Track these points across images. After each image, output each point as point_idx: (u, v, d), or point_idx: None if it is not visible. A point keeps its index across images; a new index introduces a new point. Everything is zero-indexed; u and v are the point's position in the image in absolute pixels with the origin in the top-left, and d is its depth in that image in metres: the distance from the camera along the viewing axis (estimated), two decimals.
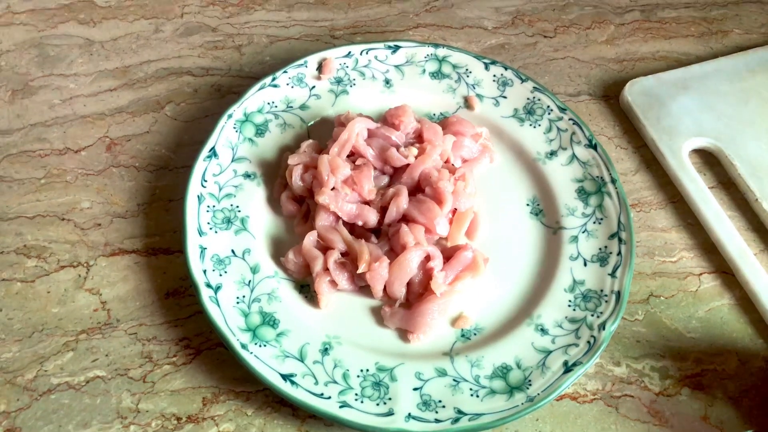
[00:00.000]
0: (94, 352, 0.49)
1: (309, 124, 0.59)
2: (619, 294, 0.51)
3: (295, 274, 0.52)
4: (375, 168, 0.55)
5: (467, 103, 0.62)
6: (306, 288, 0.52)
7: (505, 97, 0.61)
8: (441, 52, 0.63)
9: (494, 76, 0.62)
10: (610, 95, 0.66)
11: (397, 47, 0.63)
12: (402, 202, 0.52)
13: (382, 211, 0.53)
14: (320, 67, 0.61)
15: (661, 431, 0.48)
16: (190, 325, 0.50)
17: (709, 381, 0.50)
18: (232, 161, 0.55)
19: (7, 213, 0.55)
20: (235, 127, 0.57)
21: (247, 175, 0.55)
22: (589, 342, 0.49)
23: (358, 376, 0.47)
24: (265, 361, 0.46)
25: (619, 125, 0.64)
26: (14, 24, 0.66)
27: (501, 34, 0.71)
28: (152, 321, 0.50)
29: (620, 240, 0.53)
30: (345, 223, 0.53)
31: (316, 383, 0.46)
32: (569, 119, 0.59)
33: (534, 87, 0.61)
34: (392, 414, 0.45)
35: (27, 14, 0.67)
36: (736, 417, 0.49)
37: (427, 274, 0.51)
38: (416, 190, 0.54)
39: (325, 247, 0.51)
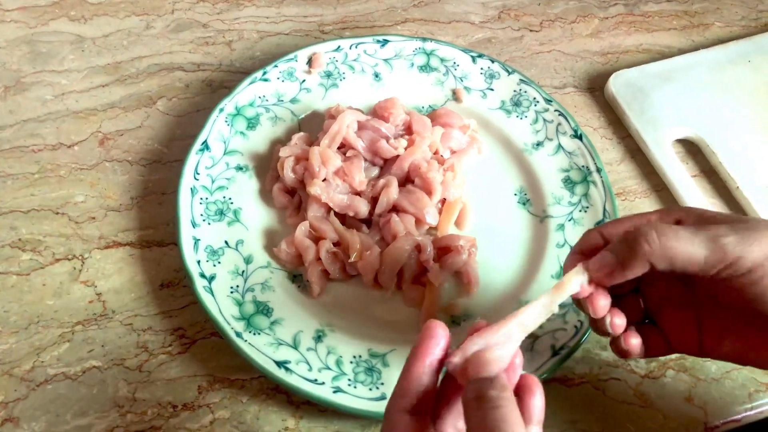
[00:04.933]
0: (90, 343, 0.49)
1: (300, 117, 0.60)
2: None
3: (287, 264, 0.53)
4: (365, 159, 0.55)
5: (455, 96, 0.63)
6: (299, 278, 0.52)
7: (492, 90, 0.63)
8: (429, 45, 0.64)
9: (481, 69, 0.63)
10: (595, 87, 0.68)
11: (386, 41, 0.64)
12: (392, 193, 0.53)
13: (373, 201, 0.54)
14: (310, 62, 0.62)
15: (646, 413, 0.50)
16: (184, 316, 0.51)
17: (693, 363, 0.52)
18: (224, 154, 0.56)
19: (2, 208, 0.55)
20: (226, 121, 0.58)
21: (239, 168, 0.56)
22: (576, 327, 0.50)
23: (351, 362, 0.48)
24: (259, 348, 0.47)
25: (604, 116, 0.66)
26: (5, 21, 0.67)
27: (488, 29, 0.72)
28: (147, 312, 0.51)
29: None
30: (336, 214, 0.53)
31: (310, 369, 0.47)
32: (555, 111, 0.61)
33: (520, 79, 0.62)
34: (385, 398, 0.46)
35: (18, 11, 0.67)
36: (718, 398, 0.50)
37: (419, 265, 0.52)
38: (406, 180, 0.55)
39: (317, 238, 0.52)
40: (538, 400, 0.34)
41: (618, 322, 0.42)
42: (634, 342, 0.43)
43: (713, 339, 0.42)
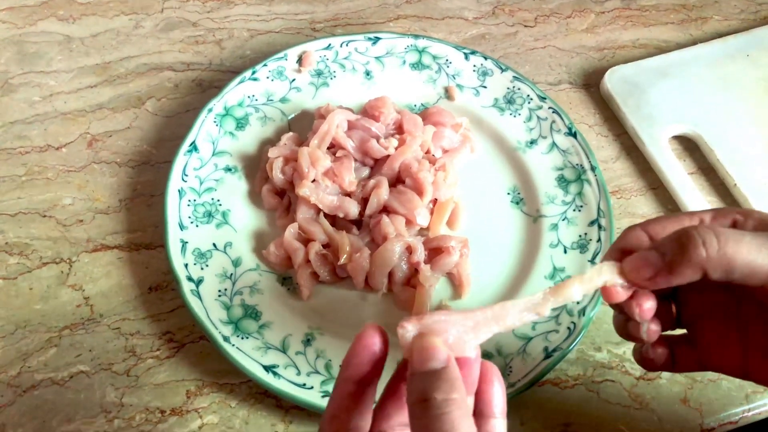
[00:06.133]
0: (77, 348, 0.49)
1: (289, 117, 0.60)
2: None
3: (276, 266, 0.52)
4: (355, 159, 0.55)
5: (447, 94, 0.62)
6: (288, 280, 0.52)
7: (485, 87, 0.62)
8: (421, 43, 0.63)
9: (474, 66, 0.62)
10: (591, 83, 0.67)
11: (377, 39, 0.63)
12: (382, 193, 0.52)
13: (363, 202, 0.53)
14: (300, 60, 0.61)
15: (641, 414, 0.49)
16: (173, 319, 0.51)
17: None
18: (213, 155, 0.56)
19: None
20: (215, 121, 0.57)
21: (228, 169, 0.55)
22: (569, 328, 0.49)
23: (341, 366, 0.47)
24: (247, 353, 0.47)
25: (600, 113, 0.65)
26: None
27: (481, 25, 0.71)
28: (135, 315, 0.51)
29: (600, 227, 0.54)
30: (326, 215, 0.53)
31: (299, 374, 0.46)
32: (549, 108, 0.60)
33: (514, 76, 0.61)
34: (374, 402, 0.45)
35: (5, 12, 0.67)
36: (714, 399, 0.49)
37: (410, 267, 0.51)
38: (397, 181, 0.54)
39: (306, 239, 0.52)
40: (497, 389, 0.31)
41: (654, 327, 0.36)
42: (663, 352, 0.38)
43: (761, 360, 0.37)
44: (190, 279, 0.49)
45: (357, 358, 0.31)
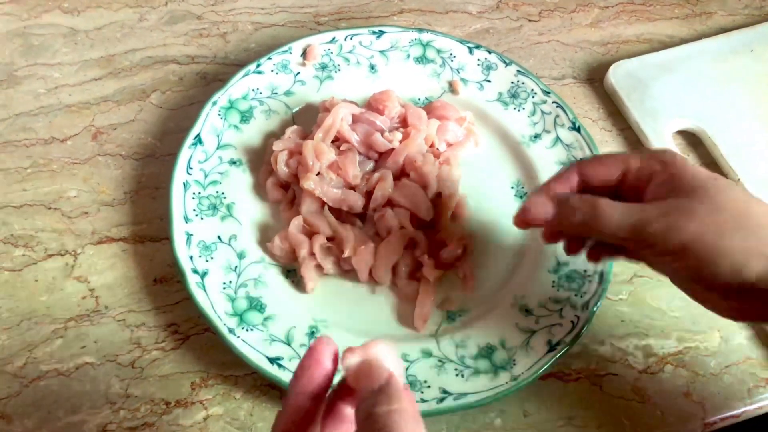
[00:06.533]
0: (82, 339, 0.49)
1: (294, 111, 0.60)
2: (602, 274, 0.51)
3: (281, 259, 0.52)
4: (360, 153, 0.55)
5: (452, 88, 0.62)
6: (292, 273, 0.52)
7: (489, 81, 0.62)
8: (425, 36, 0.63)
9: (478, 60, 0.62)
10: (595, 78, 0.67)
11: (382, 32, 0.63)
12: (387, 187, 0.53)
13: (368, 195, 0.53)
14: (305, 54, 0.61)
15: (644, 408, 0.49)
16: (178, 311, 0.51)
17: (692, 358, 0.51)
18: (218, 148, 0.56)
19: None
20: (220, 114, 0.57)
21: (232, 162, 0.56)
22: (572, 322, 0.49)
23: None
24: (252, 344, 0.47)
25: (604, 108, 0.65)
26: None
27: (486, 19, 0.71)
28: (140, 307, 0.51)
29: None
30: (331, 208, 0.53)
31: None
32: (553, 102, 0.60)
33: (518, 71, 0.61)
34: None
35: (10, 4, 0.67)
36: (717, 393, 0.50)
37: (414, 260, 0.51)
38: (401, 174, 0.55)
39: (310, 232, 0.52)
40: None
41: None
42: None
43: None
44: (195, 271, 0.49)
45: (309, 371, 0.32)
